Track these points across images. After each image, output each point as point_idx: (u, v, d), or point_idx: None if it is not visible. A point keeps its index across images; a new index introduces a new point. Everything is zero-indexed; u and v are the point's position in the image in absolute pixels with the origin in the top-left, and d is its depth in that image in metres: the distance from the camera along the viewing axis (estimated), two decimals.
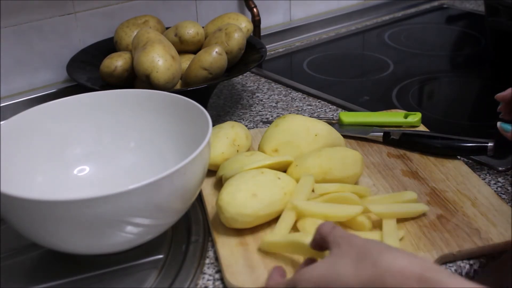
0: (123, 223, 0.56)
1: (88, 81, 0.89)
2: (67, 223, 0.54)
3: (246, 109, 0.99)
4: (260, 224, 0.66)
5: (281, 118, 0.78)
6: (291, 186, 0.69)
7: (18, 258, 0.64)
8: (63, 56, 0.99)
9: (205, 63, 0.85)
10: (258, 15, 1.17)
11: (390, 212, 0.65)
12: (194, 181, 0.61)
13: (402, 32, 1.35)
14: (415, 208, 0.68)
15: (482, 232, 0.65)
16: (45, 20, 0.96)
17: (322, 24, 1.36)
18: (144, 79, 0.83)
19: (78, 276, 0.61)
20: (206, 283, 0.62)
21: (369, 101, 1.01)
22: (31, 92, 0.98)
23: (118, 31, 0.97)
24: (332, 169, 0.71)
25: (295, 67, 1.20)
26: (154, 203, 0.56)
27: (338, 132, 0.80)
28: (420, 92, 1.07)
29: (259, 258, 0.63)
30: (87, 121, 0.74)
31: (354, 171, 0.72)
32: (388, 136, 0.84)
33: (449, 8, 1.51)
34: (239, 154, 0.76)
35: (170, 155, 0.71)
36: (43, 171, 0.69)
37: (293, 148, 0.75)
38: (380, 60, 1.20)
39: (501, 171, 0.79)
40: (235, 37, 0.90)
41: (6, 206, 0.55)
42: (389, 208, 0.66)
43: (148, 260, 0.63)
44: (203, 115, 0.67)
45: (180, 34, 0.93)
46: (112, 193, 0.53)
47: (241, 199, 0.64)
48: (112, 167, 0.74)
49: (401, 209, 0.67)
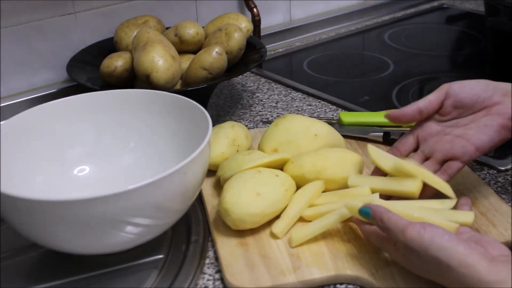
0: (123, 223, 0.56)
1: (88, 81, 0.89)
2: (67, 223, 0.54)
3: (246, 109, 0.99)
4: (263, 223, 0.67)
5: (281, 118, 0.78)
6: (290, 183, 0.69)
7: (18, 258, 0.64)
8: (63, 56, 0.99)
9: (205, 63, 0.85)
10: (258, 15, 1.17)
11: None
12: (194, 181, 0.61)
13: (402, 32, 1.35)
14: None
15: (482, 232, 0.65)
16: (45, 20, 0.96)
17: (322, 24, 1.36)
18: (144, 79, 0.83)
19: (78, 276, 0.61)
20: (206, 283, 0.62)
21: (369, 101, 1.01)
22: (31, 92, 0.98)
23: (118, 31, 0.97)
24: (327, 168, 0.71)
25: (295, 67, 1.20)
26: (154, 203, 0.56)
27: (338, 132, 0.80)
28: (420, 92, 1.07)
29: (259, 258, 0.63)
30: (87, 121, 0.74)
31: (351, 172, 0.71)
32: (388, 136, 0.84)
33: (449, 8, 1.51)
34: (237, 154, 0.76)
35: (170, 155, 0.71)
36: (43, 171, 0.70)
37: (292, 148, 0.75)
38: (380, 60, 1.20)
39: (501, 171, 0.79)
40: (235, 37, 0.90)
41: (6, 206, 0.55)
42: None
43: (148, 260, 0.63)
44: (203, 115, 0.67)
45: (180, 34, 0.93)
46: (112, 193, 0.53)
47: (246, 199, 0.64)
48: (112, 167, 0.74)
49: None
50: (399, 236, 0.55)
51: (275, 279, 0.60)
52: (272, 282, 0.59)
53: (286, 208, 0.68)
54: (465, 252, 0.52)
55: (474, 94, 0.67)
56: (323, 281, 0.60)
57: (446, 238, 0.53)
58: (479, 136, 0.65)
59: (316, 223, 0.65)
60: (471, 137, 0.66)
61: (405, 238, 0.55)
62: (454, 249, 0.52)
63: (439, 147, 0.68)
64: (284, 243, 0.65)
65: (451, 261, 0.52)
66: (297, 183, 0.71)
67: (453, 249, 0.52)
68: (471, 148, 0.65)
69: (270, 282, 0.59)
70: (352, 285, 0.61)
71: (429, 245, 0.53)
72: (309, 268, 0.61)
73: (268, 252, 0.63)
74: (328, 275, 0.60)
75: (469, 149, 0.66)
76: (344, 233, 0.66)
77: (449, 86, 0.68)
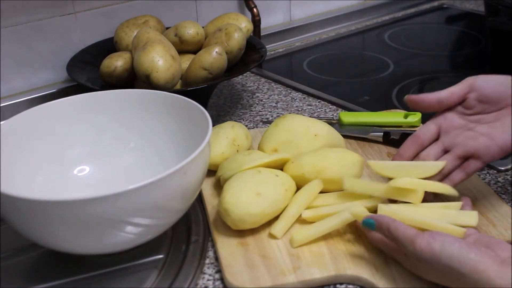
0: (123, 223, 0.56)
1: (88, 81, 0.89)
2: (67, 223, 0.54)
3: (246, 109, 0.99)
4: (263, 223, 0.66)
5: (281, 118, 0.78)
6: (290, 183, 0.69)
7: (18, 258, 0.64)
8: (63, 56, 0.99)
9: (205, 63, 0.85)
10: (258, 15, 1.17)
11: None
12: (194, 181, 0.61)
13: (402, 32, 1.35)
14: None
15: (482, 232, 0.65)
16: (45, 20, 0.96)
17: (322, 24, 1.36)
18: (144, 79, 0.83)
19: (78, 276, 0.61)
20: (206, 283, 0.62)
21: (369, 101, 1.01)
22: (31, 92, 0.98)
23: (118, 31, 0.97)
24: (327, 168, 0.71)
25: (295, 67, 1.20)
26: (154, 203, 0.56)
27: (338, 132, 0.80)
28: (420, 92, 1.06)
29: (259, 258, 0.63)
30: (87, 121, 0.74)
31: (351, 173, 0.71)
32: (388, 136, 0.84)
33: (449, 8, 1.51)
34: (237, 154, 0.76)
35: (170, 155, 0.71)
36: (43, 171, 0.69)
37: (292, 148, 0.75)
38: (380, 60, 1.20)
39: (501, 171, 0.79)
40: (235, 37, 0.90)
41: (6, 206, 0.55)
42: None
43: (148, 260, 0.63)
44: (203, 115, 0.67)
45: (180, 34, 0.93)
46: (112, 193, 0.53)
47: (246, 199, 0.64)
48: (112, 167, 0.74)
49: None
50: (408, 247, 0.55)
51: (275, 279, 0.60)
52: (272, 282, 0.59)
53: (285, 209, 0.68)
54: (477, 258, 0.52)
55: (500, 90, 0.65)
56: (323, 281, 0.60)
57: (456, 246, 0.53)
58: (504, 136, 0.64)
59: (319, 225, 0.65)
60: (496, 137, 0.64)
61: (414, 249, 0.55)
62: (465, 256, 0.52)
63: (461, 141, 0.66)
64: (284, 243, 0.65)
65: (463, 268, 0.52)
66: (297, 183, 0.71)
67: (464, 256, 0.52)
68: (495, 149, 0.64)
69: (270, 282, 0.59)
70: (352, 285, 0.61)
71: (440, 254, 0.53)
72: (309, 268, 0.61)
73: (268, 252, 0.63)
74: (328, 275, 0.60)
75: (492, 149, 0.64)
76: (344, 233, 0.66)
77: (473, 79, 0.66)
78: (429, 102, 0.67)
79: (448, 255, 0.53)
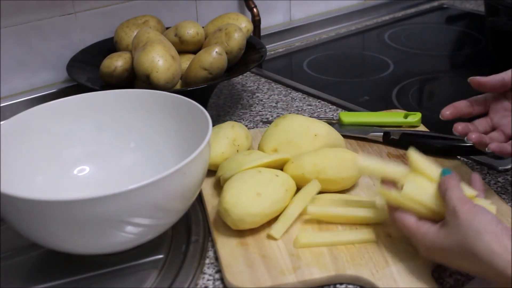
0: (123, 223, 0.56)
1: (88, 81, 0.89)
2: (67, 223, 0.54)
3: (246, 109, 0.99)
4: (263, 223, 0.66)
5: (281, 118, 0.78)
6: (290, 183, 0.69)
7: (18, 258, 0.64)
8: (63, 56, 0.99)
9: (205, 63, 0.85)
10: (258, 15, 1.17)
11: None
12: (194, 181, 0.61)
13: (402, 32, 1.35)
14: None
15: None
16: (45, 20, 0.97)
17: (322, 24, 1.36)
18: (144, 79, 0.83)
19: (78, 276, 0.61)
20: (206, 283, 0.62)
21: (369, 101, 1.01)
22: (31, 92, 0.98)
23: (118, 31, 0.97)
24: (327, 168, 0.71)
25: (295, 67, 1.20)
26: (154, 203, 0.56)
27: (338, 132, 0.80)
28: (420, 92, 1.07)
29: (259, 258, 0.63)
30: (87, 121, 0.74)
31: (351, 173, 0.72)
32: (388, 136, 0.84)
33: (449, 8, 1.52)
34: (237, 154, 0.76)
35: (170, 155, 0.71)
36: (43, 171, 0.69)
37: (292, 148, 0.75)
38: (380, 60, 1.20)
39: (501, 171, 0.79)
40: (235, 37, 0.90)
41: (6, 206, 0.55)
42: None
43: (148, 260, 0.63)
44: (203, 115, 0.67)
45: (180, 34, 0.93)
46: (112, 193, 0.53)
47: (246, 199, 0.64)
48: (112, 167, 0.74)
49: None
50: (457, 206, 0.55)
51: (275, 279, 0.60)
52: (272, 282, 0.59)
53: (283, 210, 0.68)
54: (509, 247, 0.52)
55: None
56: (323, 281, 0.60)
57: (499, 227, 0.53)
58: None
59: (327, 236, 0.64)
60: None
61: (462, 210, 0.54)
62: (502, 242, 0.52)
63: (507, 123, 0.68)
64: (284, 243, 0.65)
65: (495, 253, 0.51)
66: (297, 183, 0.71)
67: (501, 242, 0.52)
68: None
69: (270, 282, 0.59)
70: (352, 285, 0.61)
71: (484, 227, 0.53)
72: (309, 268, 0.61)
73: (268, 252, 0.63)
74: (328, 275, 0.60)
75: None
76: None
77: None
78: (493, 83, 0.69)
79: (491, 231, 0.52)
